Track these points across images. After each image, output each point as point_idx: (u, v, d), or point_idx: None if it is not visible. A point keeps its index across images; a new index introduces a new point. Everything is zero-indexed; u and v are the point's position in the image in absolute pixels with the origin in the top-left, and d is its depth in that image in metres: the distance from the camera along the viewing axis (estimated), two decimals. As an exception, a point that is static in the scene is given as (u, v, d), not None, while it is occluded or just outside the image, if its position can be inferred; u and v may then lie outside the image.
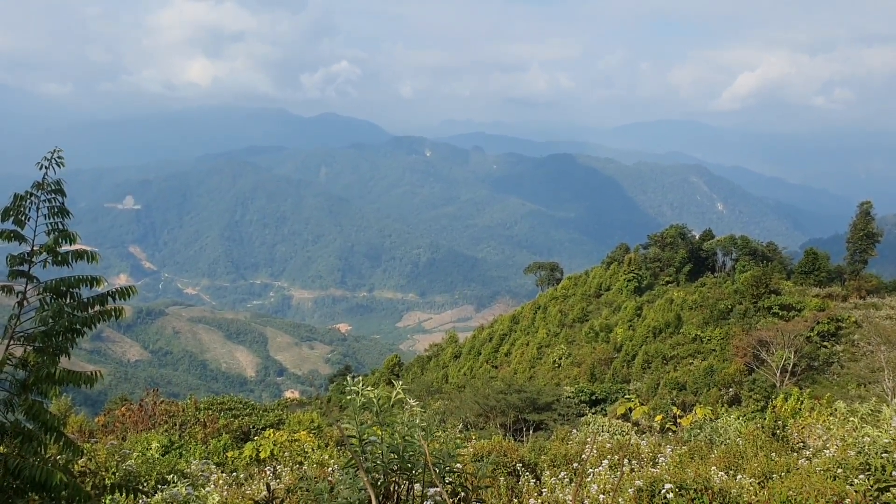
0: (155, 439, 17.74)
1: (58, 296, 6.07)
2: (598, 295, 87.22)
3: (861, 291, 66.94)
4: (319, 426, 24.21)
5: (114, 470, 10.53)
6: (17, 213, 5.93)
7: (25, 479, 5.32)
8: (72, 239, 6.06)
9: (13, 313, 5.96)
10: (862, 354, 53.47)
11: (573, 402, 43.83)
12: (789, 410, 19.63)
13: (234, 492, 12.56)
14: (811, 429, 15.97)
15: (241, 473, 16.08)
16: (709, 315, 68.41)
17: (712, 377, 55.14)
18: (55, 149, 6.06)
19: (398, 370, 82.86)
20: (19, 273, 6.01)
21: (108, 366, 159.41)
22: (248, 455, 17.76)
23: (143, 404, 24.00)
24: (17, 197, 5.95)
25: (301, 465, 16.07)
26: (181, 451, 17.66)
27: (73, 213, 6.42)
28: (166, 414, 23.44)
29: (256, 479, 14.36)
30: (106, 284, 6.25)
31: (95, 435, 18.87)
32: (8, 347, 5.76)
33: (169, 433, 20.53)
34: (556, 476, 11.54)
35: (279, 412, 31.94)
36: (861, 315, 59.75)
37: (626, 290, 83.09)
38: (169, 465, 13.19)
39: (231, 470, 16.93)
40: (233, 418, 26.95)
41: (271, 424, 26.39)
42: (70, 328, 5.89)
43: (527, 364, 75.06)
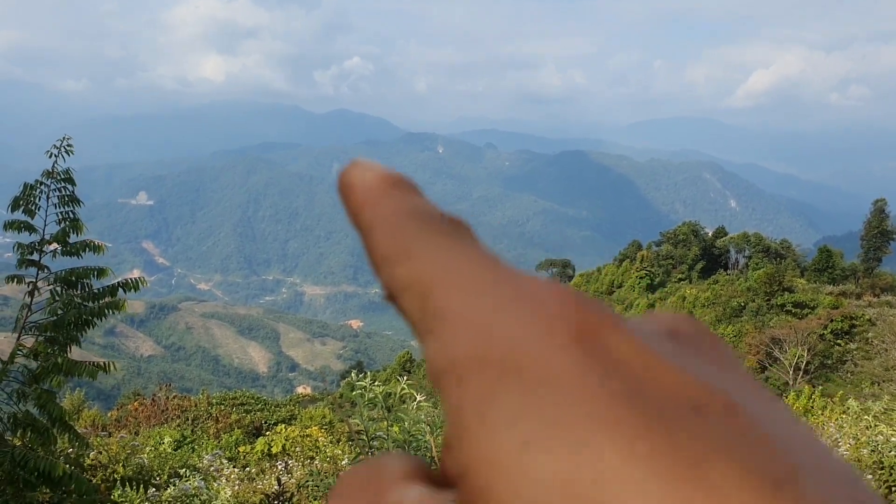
0: (167, 434, 17.81)
1: (68, 286, 6.07)
2: (611, 292, 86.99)
3: (875, 289, 66.51)
4: (331, 422, 24.27)
5: (125, 463, 10.58)
6: (27, 203, 5.94)
7: (30, 470, 5.33)
8: (80, 229, 6.05)
9: (24, 303, 5.96)
10: (876, 352, 53.07)
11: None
12: (802, 408, 19.53)
13: (246, 486, 12.61)
14: (824, 427, 15.88)
15: (253, 468, 16.14)
16: (721, 313, 68.14)
17: (725, 375, 54.89)
18: (64, 136, 6.06)
19: (410, 366, 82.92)
20: (30, 262, 6.01)
21: (121, 361, 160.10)
22: (259, 450, 17.81)
23: (155, 399, 24.10)
24: (27, 186, 5.94)
25: (312, 460, 16.12)
26: (193, 446, 17.74)
27: (87, 208, 6.42)
28: (179, 409, 23.54)
29: (268, 474, 14.41)
30: (113, 275, 6.25)
31: (108, 429, 18.97)
32: (20, 337, 5.77)
33: (181, 428, 20.62)
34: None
35: (291, 408, 32.03)
36: (875, 313, 59.33)
37: (638, 287, 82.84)
38: (181, 460, 13.24)
39: (243, 465, 17.00)
40: (245, 413, 27.04)
41: (283, 420, 26.47)
42: (80, 319, 5.90)
43: (538, 361, 74.91)
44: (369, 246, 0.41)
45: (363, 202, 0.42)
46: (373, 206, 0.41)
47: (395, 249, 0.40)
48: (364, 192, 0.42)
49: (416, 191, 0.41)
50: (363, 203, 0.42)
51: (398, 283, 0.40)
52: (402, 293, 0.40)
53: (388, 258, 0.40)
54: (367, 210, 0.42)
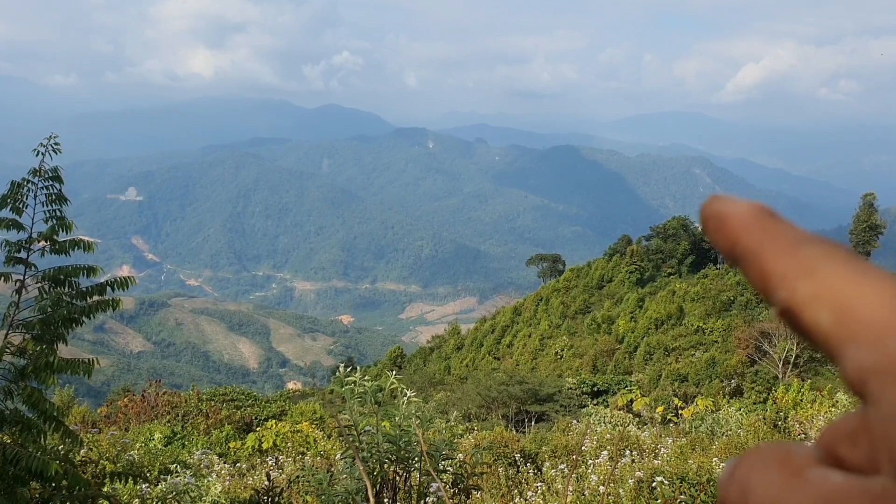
0: (158, 430, 17.78)
1: (56, 284, 6.06)
2: (601, 287, 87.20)
3: (864, 284, 66.75)
4: (322, 417, 24.28)
5: (115, 459, 10.57)
6: (14, 201, 5.93)
7: (23, 469, 5.33)
8: (68, 227, 6.04)
9: (12, 301, 5.96)
10: (864, 346, 53.33)
11: (575, 393, 43.84)
12: (791, 402, 19.65)
13: (237, 482, 12.62)
14: (813, 420, 15.98)
15: (244, 464, 16.14)
16: (711, 307, 68.37)
17: (714, 369, 55.16)
18: (51, 135, 6.05)
19: (401, 362, 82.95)
20: (17, 260, 6.01)
21: (111, 357, 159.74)
22: (250, 446, 17.82)
23: (145, 395, 24.04)
24: (14, 184, 5.93)
25: (304, 456, 16.14)
26: (184, 442, 17.70)
27: (76, 204, 6.41)
28: (169, 405, 23.49)
29: (259, 470, 14.41)
30: (102, 273, 6.25)
31: (98, 425, 18.92)
32: (7, 335, 5.77)
33: (171, 424, 20.59)
34: (556, 468, 11.56)
35: (282, 403, 32.05)
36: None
37: (628, 281, 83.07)
38: (172, 456, 13.23)
39: (234, 461, 17.00)
40: (235, 409, 27.02)
41: (274, 415, 26.47)
42: (69, 317, 5.90)
43: (529, 356, 75.12)
44: (759, 267, 0.46)
45: (742, 229, 0.47)
46: (755, 232, 0.47)
47: (795, 267, 0.44)
48: (741, 220, 0.47)
49: (786, 219, 0.47)
50: (743, 229, 0.47)
51: (803, 297, 0.44)
52: (807, 307, 0.44)
53: (788, 276, 0.44)
54: (750, 235, 0.47)
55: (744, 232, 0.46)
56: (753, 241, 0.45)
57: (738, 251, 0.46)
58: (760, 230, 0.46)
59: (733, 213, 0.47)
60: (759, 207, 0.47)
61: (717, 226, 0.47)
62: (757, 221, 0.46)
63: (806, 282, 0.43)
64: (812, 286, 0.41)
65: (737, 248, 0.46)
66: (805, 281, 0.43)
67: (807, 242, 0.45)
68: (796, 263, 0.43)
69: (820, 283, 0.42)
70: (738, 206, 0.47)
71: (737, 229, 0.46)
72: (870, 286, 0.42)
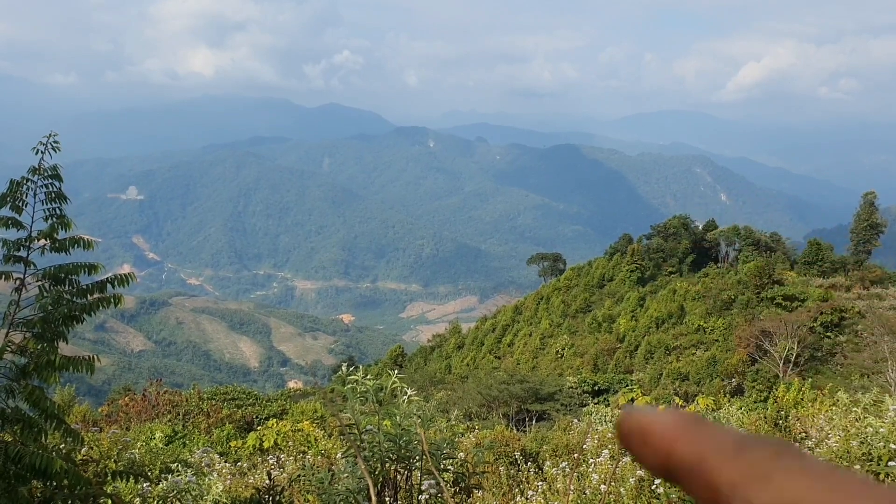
0: (158, 429, 17.78)
1: (56, 282, 6.06)
2: (601, 286, 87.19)
3: (865, 282, 66.81)
4: (322, 416, 24.28)
5: (116, 458, 10.56)
6: (14, 200, 5.92)
7: (26, 466, 5.32)
8: (67, 225, 6.04)
9: (12, 300, 5.95)
10: (865, 345, 53.37)
11: (576, 392, 43.83)
12: (791, 401, 19.63)
13: (238, 481, 12.61)
14: (813, 419, 15.96)
15: (245, 463, 16.13)
16: (712, 305, 68.34)
17: (715, 367, 55.15)
18: (51, 133, 6.04)
19: (401, 361, 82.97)
20: (17, 258, 6.00)
21: (112, 356, 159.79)
22: (251, 445, 17.82)
23: (146, 394, 24.02)
24: (13, 183, 5.93)
25: (304, 455, 16.13)
26: (185, 441, 17.70)
27: (77, 203, 6.41)
28: (170, 404, 23.47)
29: (260, 469, 14.40)
30: (104, 270, 6.24)
31: (99, 424, 18.91)
32: (8, 334, 5.76)
33: (172, 423, 20.58)
34: (557, 466, 11.55)
35: (282, 402, 32.06)
36: (865, 305, 59.62)
37: (628, 280, 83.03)
38: (173, 455, 13.22)
39: (235, 459, 16.99)
40: (236, 408, 27.03)
41: (275, 414, 26.48)
42: (69, 315, 5.89)
43: (530, 355, 75.13)
44: (703, 479, 0.42)
45: (674, 440, 0.44)
46: (689, 441, 0.43)
47: (746, 473, 0.41)
48: (670, 430, 0.44)
49: (714, 423, 0.44)
50: (674, 440, 0.44)
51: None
52: None
53: (740, 484, 0.41)
54: (684, 445, 0.43)
55: (676, 443, 0.42)
56: (690, 452, 0.42)
57: (673, 465, 0.42)
58: (695, 438, 0.42)
59: (659, 424, 0.43)
60: (684, 415, 0.43)
61: (642, 440, 0.43)
62: (688, 429, 0.43)
63: (762, 489, 0.40)
64: (770, 494, 0.39)
65: (671, 462, 0.42)
66: (760, 488, 0.40)
67: (750, 444, 0.41)
68: (746, 469, 0.40)
69: (778, 490, 0.40)
70: (661, 417, 0.43)
71: (667, 441, 0.43)
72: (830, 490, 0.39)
